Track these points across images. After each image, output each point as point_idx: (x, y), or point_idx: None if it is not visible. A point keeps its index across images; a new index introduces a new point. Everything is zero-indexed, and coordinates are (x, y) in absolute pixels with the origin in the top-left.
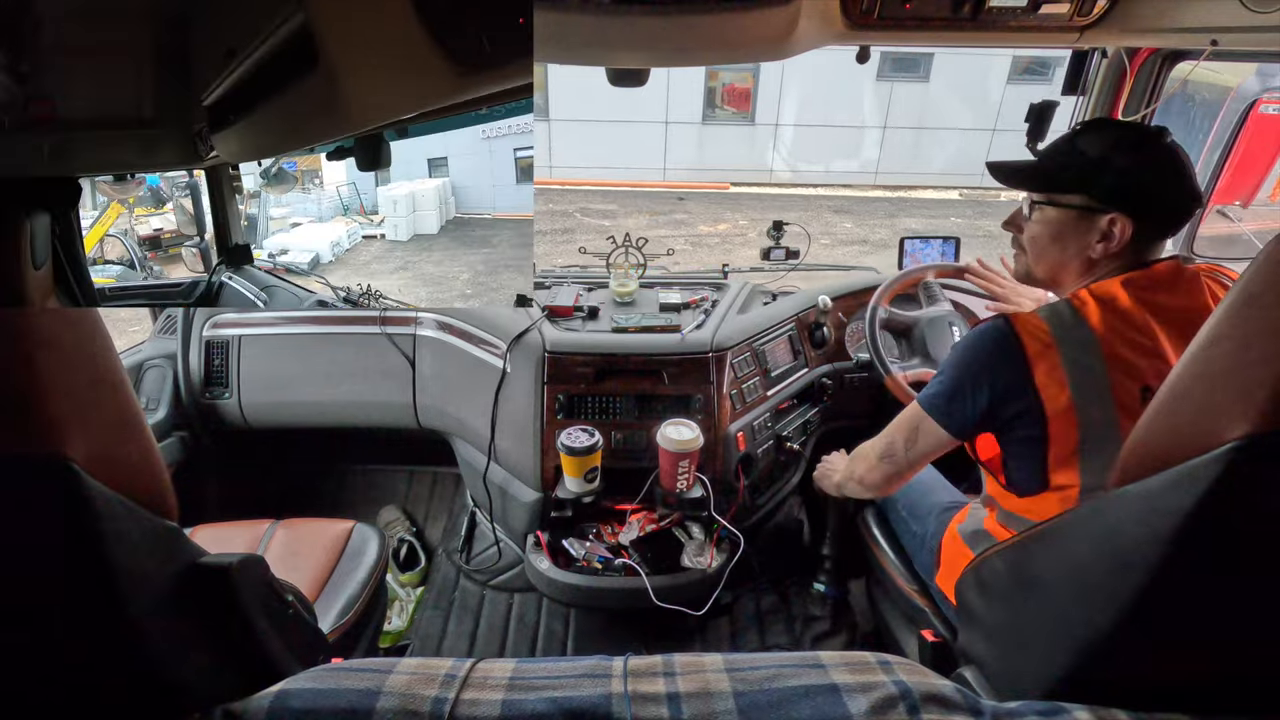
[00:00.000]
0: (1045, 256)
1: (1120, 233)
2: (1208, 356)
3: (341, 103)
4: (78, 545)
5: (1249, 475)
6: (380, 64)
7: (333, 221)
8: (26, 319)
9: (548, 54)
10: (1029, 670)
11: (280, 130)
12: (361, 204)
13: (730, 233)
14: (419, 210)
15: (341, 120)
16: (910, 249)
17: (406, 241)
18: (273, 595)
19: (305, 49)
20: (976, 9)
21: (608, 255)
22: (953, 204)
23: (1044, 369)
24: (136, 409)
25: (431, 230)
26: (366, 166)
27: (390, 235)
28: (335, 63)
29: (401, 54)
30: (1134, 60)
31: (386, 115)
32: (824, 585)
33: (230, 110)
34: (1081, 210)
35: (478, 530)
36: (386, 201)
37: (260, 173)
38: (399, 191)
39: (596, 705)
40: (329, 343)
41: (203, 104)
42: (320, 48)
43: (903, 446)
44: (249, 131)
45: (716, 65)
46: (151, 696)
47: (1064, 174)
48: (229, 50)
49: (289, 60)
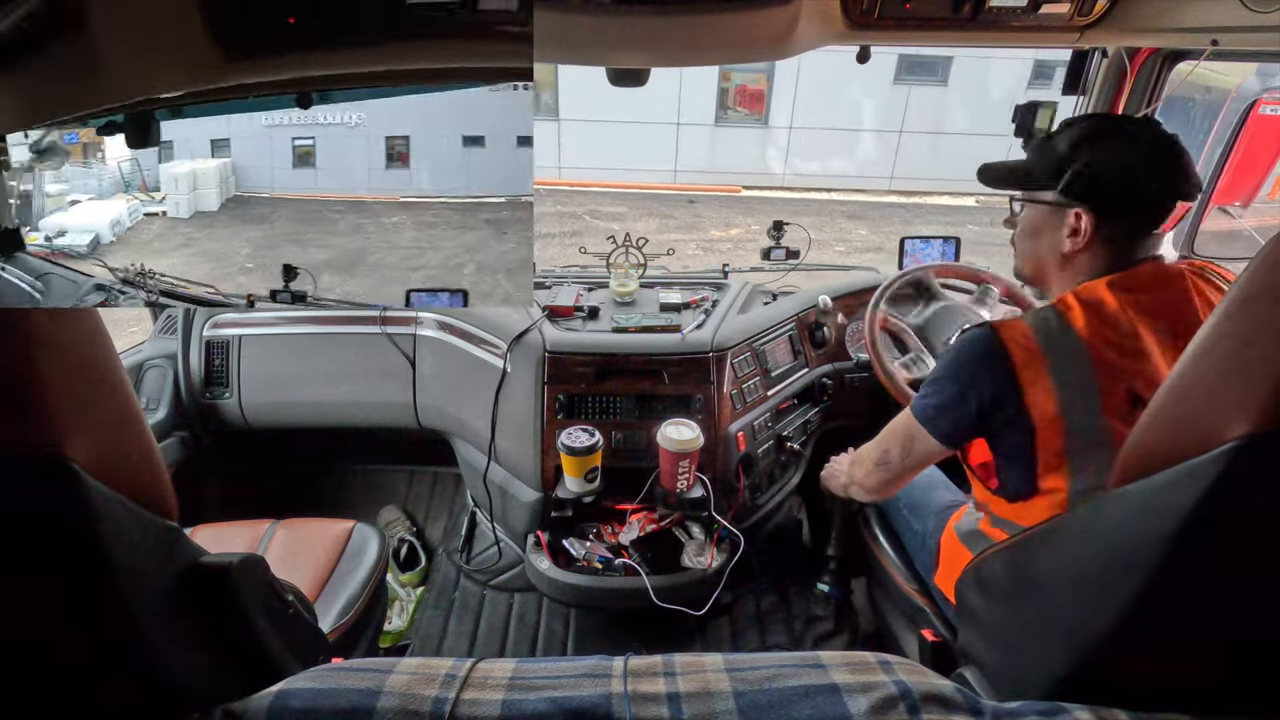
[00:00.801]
0: (1026, 254)
1: (1085, 227)
2: (1207, 356)
3: (106, 73)
4: (78, 545)
5: (1249, 474)
6: (147, 37)
7: (114, 199)
8: (27, 318)
9: (548, 54)
10: (1029, 670)
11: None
12: (144, 180)
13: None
14: (200, 188)
15: (106, 91)
16: (910, 249)
17: (188, 219)
18: (273, 595)
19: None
20: (976, 9)
21: (608, 255)
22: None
23: (1030, 377)
24: (136, 409)
25: (212, 207)
26: (136, 144)
27: (172, 212)
28: (98, 28)
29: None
30: (1134, 60)
31: (151, 90)
32: (828, 586)
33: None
34: (1052, 206)
35: (478, 530)
36: (168, 179)
37: (30, 145)
38: (181, 169)
39: (597, 705)
40: (329, 343)
41: None
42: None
43: (898, 455)
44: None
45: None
46: (151, 696)
47: (1039, 171)
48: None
49: (50, 20)
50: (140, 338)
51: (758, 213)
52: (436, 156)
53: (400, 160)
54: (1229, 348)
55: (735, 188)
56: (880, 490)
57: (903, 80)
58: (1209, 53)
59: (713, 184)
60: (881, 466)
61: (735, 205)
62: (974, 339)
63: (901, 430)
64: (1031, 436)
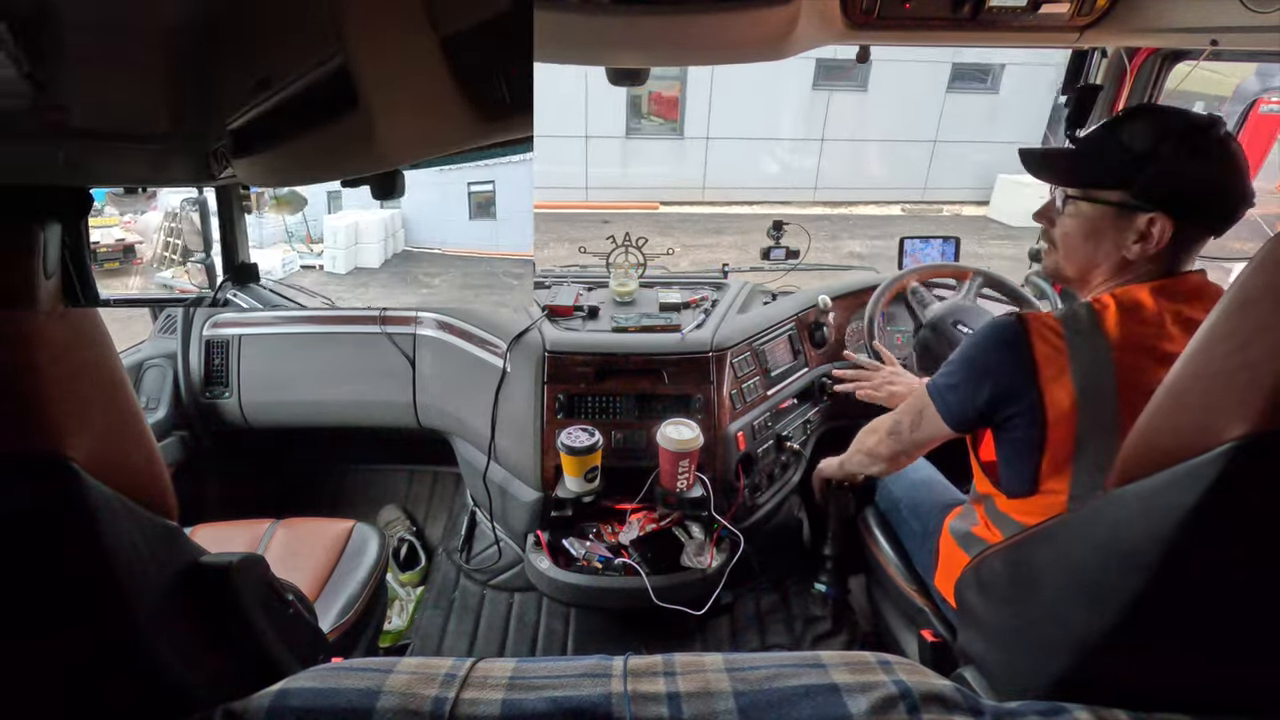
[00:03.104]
0: (1076, 254)
1: (1160, 234)
2: (1207, 356)
3: (374, 143)
4: (78, 545)
5: (1249, 474)
6: (413, 109)
7: (273, 247)
8: (27, 320)
9: (548, 54)
10: (1029, 670)
11: (308, 162)
12: (308, 230)
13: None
14: (361, 242)
15: (372, 160)
16: (910, 249)
17: (344, 275)
18: (273, 595)
19: (343, 89)
20: (976, 9)
21: (608, 255)
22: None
23: (1051, 372)
24: (136, 409)
25: (373, 264)
26: (381, 196)
27: (328, 267)
28: (372, 105)
29: (431, 100)
30: (1134, 60)
31: (414, 156)
32: (825, 585)
33: (258, 137)
34: (1120, 208)
35: (478, 530)
36: (330, 230)
37: (270, 193)
38: (343, 221)
39: (596, 705)
40: (329, 342)
41: (227, 128)
42: (358, 89)
43: (908, 427)
44: (276, 160)
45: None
46: (151, 696)
47: (1103, 167)
48: (263, 79)
49: (325, 98)
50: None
51: (677, 231)
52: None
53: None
54: (1228, 348)
55: (652, 204)
56: (888, 460)
57: (822, 85)
58: (1209, 53)
59: (628, 201)
60: (892, 436)
61: (653, 224)
62: (999, 326)
63: (914, 403)
64: (1043, 432)
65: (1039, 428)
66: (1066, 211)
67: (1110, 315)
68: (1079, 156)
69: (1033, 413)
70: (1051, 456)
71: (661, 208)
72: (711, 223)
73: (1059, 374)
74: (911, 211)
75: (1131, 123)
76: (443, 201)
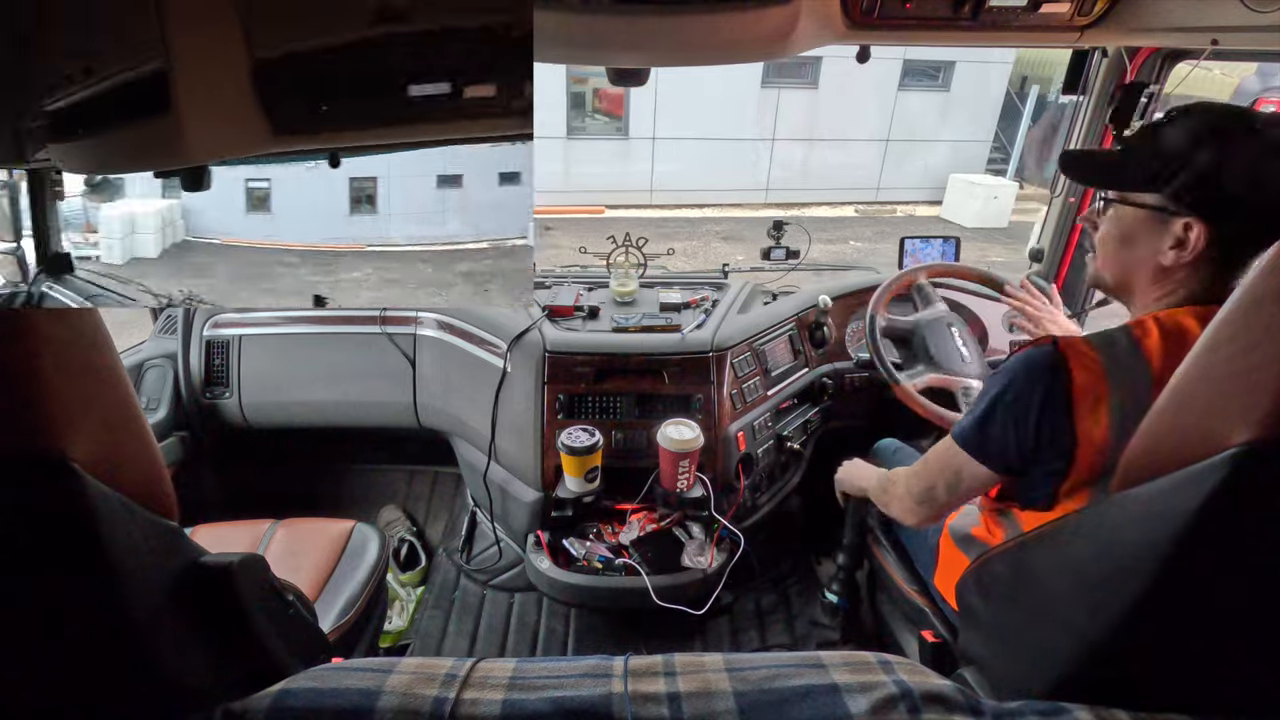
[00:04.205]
0: (1113, 260)
1: (1195, 239)
2: (1211, 361)
3: (184, 144)
4: (78, 545)
5: (1252, 481)
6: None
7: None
8: (27, 319)
9: (548, 54)
10: (1029, 670)
11: (122, 153)
12: (88, 220)
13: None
14: (138, 232)
15: (180, 158)
16: (910, 248)
17: (122, 265)
18: (273, 595)
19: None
20: (976, 9)
21: (608, 255)
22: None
23: (1088, 403)
24: (137, 409)
25: (151, 254)
26: (190, 188)
27: (105, 257)
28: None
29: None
30: (1134, 60)
31: (219, 158)
32: (835, 596)
33: (76, 124)
34: (1154, 211)
35: (478, 530)
36: (106, 220)
37: (84, 179)
38: (118, 211)
39: (597, 705)
40: (329, 342)
41: (44, 108)
42: (174, 94)
43: (944, 491)
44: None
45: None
46: (151, 696)
47: (1138, 169)
48: (87, 67)
49: (143, 95)
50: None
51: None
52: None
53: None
54: (1232, 353)
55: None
56: (925, 523)
57: (771, 83)
58: (1209, 52)
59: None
60: (925, 504)
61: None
62: (1035, 357)
63: (947, 463)
64: (1068, 462)
65: (1065, 458)
66: (1106, 216)
67: (1152, 342)
68: (1119, 158)
69: (1062, 444)
70: (1074, 480)
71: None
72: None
73: (1096, 404)
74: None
75: (1174, 121)
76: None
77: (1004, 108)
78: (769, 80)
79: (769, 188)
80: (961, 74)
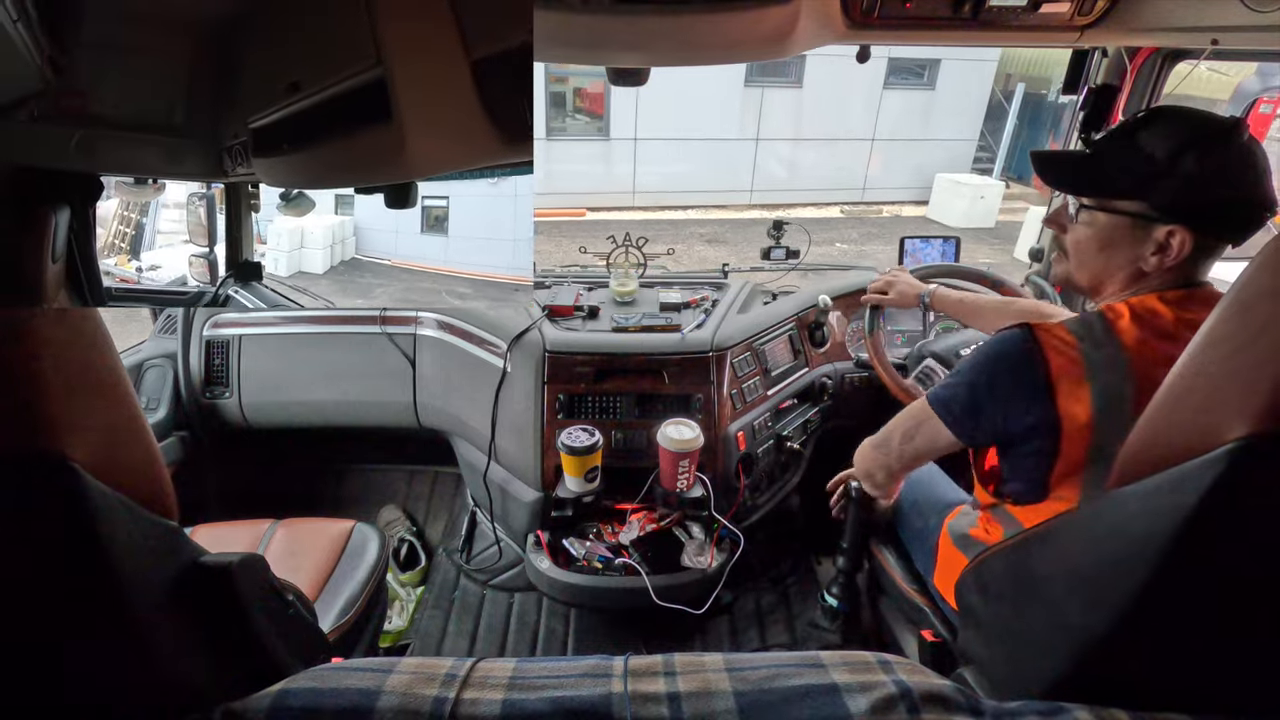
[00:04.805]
0: (1089, 265)
1: (1179, 246)
2: (1207, 356)
3: (404, 156)
4: (78, 545)
5: (1250, 475)
6: (443, 128)
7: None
8: (28, 319)
9: (548, 54)
10: (1029, 669)
11: (333, 168)
12: (257, 232)
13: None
14: (307, 246)
15: (400, 172)
16: (910, 248)
17: (285, 278)
18: (273, 595)
19: (378, 101)
20: (976, 8)
21: (608, 255)
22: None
23: (1066, 387)
24: (137, 409)
25: (316, 270)
26: (395, 205)
27: (270, 269)
28: (405, 120)
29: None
30: (1134, 60)
31: (439, 171)
32: (835, 600)
33: (283, 139)
34: (1137, 219)
35: (478, 530)
36: (275, 232)
37: (280, 193)
38: (289, 224)
39: (597, 705)
40: (329, 342)
41: (249, 125)
42: (394, 104)
43: (898, 440)
44: (300, 163)
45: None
46: (151, 696)
47: (1120, 176)
48: (294, 83)
49: (358, 107)
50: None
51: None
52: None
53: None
54: (1229, 348)
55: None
56: (879, 480)
57: (755, 82)
58: (1209, 52)
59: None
60: (878, 449)
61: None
62: (1008, 340)
63: (909, 416)
64: (1056, 444)
65: (1052, 441)
66: (1080, 220)
67: (1124, 324)
68: (1094, 162)
69: (1047, 427)
70: (1064, 466)
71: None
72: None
73: (1076, 387)
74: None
75: (1150, 127)
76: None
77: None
78: (752, 79)
79: (753, 189)
80: (947, 72)
